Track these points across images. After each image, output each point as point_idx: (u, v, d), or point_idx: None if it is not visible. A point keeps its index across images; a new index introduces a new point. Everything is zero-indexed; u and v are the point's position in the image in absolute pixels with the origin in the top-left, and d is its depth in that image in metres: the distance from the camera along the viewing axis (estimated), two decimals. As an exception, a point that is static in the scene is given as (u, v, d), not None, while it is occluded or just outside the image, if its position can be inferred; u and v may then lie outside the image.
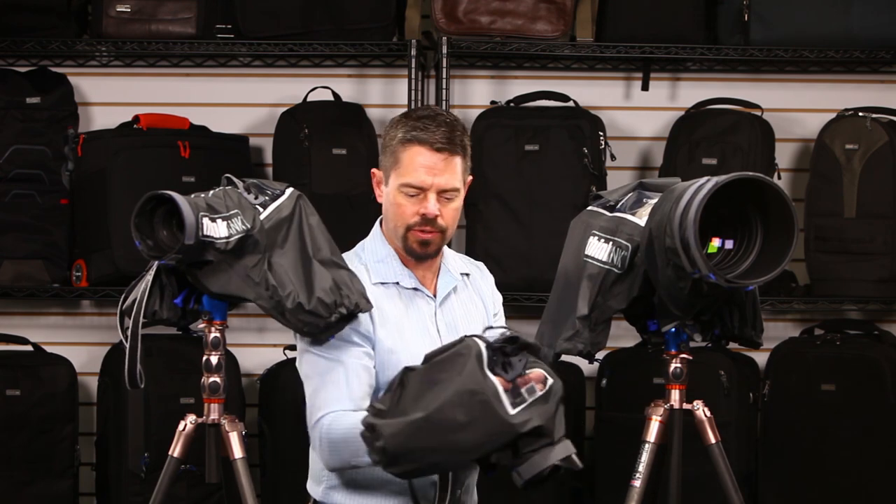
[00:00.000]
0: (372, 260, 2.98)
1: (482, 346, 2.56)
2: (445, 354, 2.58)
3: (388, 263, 2.97)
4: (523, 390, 2.51)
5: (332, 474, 2.94)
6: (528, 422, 2.47)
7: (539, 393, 2.51)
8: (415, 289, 2.96)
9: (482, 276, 3.12)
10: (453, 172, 2.89)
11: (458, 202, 2.93)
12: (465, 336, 2.62)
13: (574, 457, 2.51)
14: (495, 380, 2.51)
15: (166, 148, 4.32)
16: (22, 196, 4.32)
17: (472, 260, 3.17)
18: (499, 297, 3.13)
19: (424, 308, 2.96)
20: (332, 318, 2.78)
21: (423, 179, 2.88)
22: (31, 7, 4.37)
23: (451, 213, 2.92)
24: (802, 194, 4.40)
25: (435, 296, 2.98)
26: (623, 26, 4.41)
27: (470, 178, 3.00)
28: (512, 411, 2.47)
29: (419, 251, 2.93)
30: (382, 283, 2.95)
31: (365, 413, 2.62)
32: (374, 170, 3.01)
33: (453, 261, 3.07)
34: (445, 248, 3.08)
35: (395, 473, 2.58)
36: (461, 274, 3.06)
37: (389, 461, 2.53)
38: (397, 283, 2.95)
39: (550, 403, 2.51)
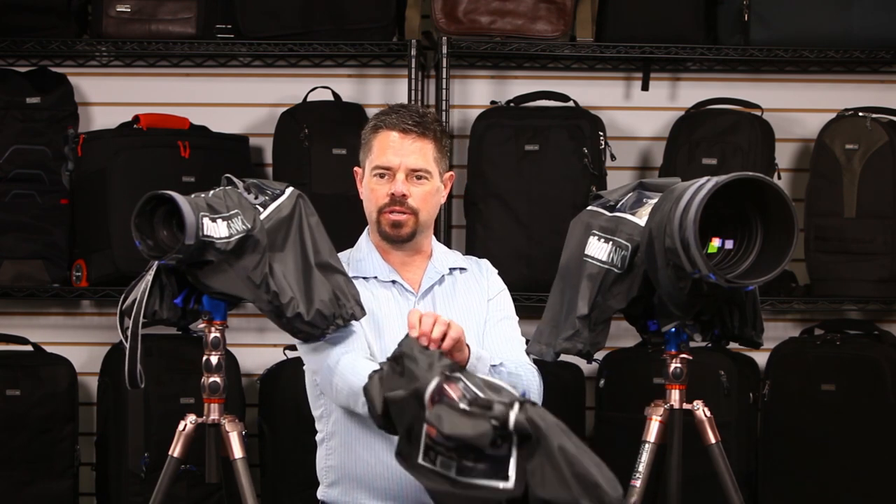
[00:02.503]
0: (355, 258, 3.03)
1: (433, 384, 2.33)
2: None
3: (369, 260, 3.04)
4: (439, 458, 2.29)
5: (331, 471, 2.97)
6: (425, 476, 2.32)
7: (453, 475, 2.26)
8: (393, 281, 3.00)
9: (481, 270, 3.14)
10: (422, 154, 2.97)
11: (431, 186, 2.98)
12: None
13: None
14: (425, 426, 2.33)
15: (166, 148, 4.32)
16: (22, 196, 4.32)
17: (473, 258, 3.18)
18: (496, 286, 3.14)
19: (403, 302, 3.00)
20: (328, 329, 2.81)
21: (391, 160, 2.96)
22: (31, 7, 4.37)
23: (421, 195, 2.97)
24: (802, 194, 4.40)
25: (417, 290, 3.01)
26: (623, 26, 4.41)
27: (450, 173, 3.04)
28: (422, 459, 2.30)
29: (391, 233, 2.98)
30: (363, 278, 2.99)
31: (374, 365, 2.61)
32: (356, 168, 3.07)
33: (443, 256, 3.09)
34: (437, 244, 3.10)
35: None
36: (452, 269, 3.08)
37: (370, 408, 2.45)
38: (375, 277, 3.00)
39: (460, 494, 2.25)
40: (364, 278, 3.01)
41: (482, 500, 2.23)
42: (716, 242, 2.72)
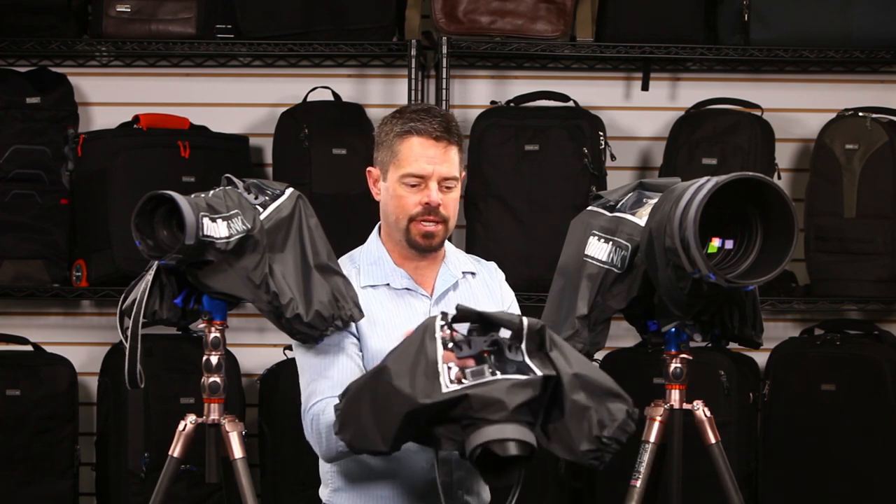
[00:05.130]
0: (365, 262, 2.99)
1: (438, 319, 2.49)
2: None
3: (380, 265, 2.98)
4: (468, 370, 2.41)
5: (336, 476, 2.96)
6: (456, 393, 2.36)
7: (488, 377, 2.39)
8: (406, 289, 2.97)
9: (491, 275, 3.12)
10: (452, 161, 2.93)
11: (457, 193, 2.96)
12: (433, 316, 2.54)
13: (512, 444, 2.32)
14: (440, 352, 2.43)
15: (166, 148, 4.32)
16: (22, 196, 4.32)
17: (480, 259, 3.16)
18: (509, 295, 3.12)
19: (418, 307, 2.97)
20: (327, 331, 2.81)
21: (424, 168, 2.91)
22: (31, 7, 4.37)
23: (451, 203, 2.94)
24: (802, 194, 4.40)
25: (431, 294, 2.99)
26: (623, 26, 4.41)
27: (463, 173, 3.03)
28: (446, 386, 2.38)
29: (423, 244, 2.94)
30: (372, 286, 2.96)
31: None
32: (369, 168, 3.03)
33: (456, 259, 3.07)
34: (449, 246, 3.08)
35: (348, 444, 2.51)
36: (465, 273, 3.06)
37: (340, 426, 2.50)
38: (387, 284, 2.96)
39: (500, 384, 2.37)
40: (373, 286, 2.98)
41: (524, 388, 2.36)
42: (716, 242, 2.72)
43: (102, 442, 4.32)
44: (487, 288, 3.08)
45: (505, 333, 2.50)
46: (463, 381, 2.38)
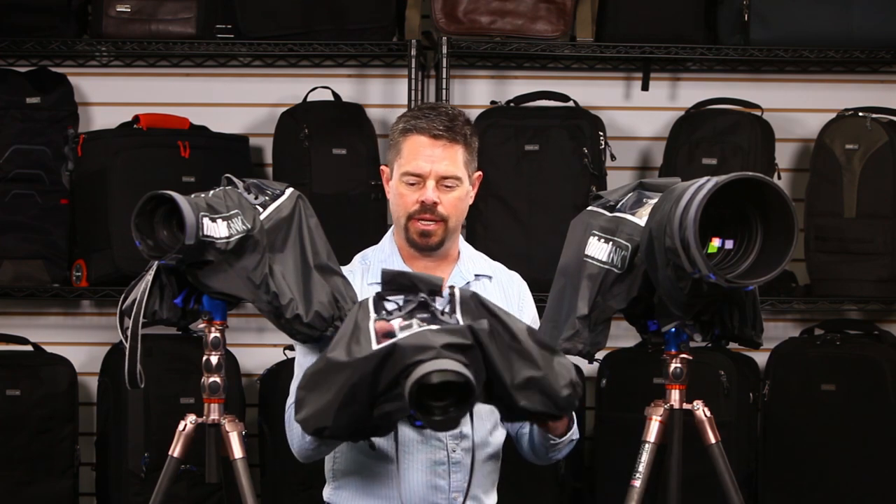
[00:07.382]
0: (375, 260, 3.01)
1: (371, 297, 2.53)
2: None
3: (389, 263, 2.99)
4: (398, 327, 2.42)
5: (339, 474, 2.96)
6: (386, 348, 2.37)
7: (416, 329, 2.39)
8: None
9: (511, 282, 3.11)
10: (453, 160, 2.93)
11: (461, 192, 2.96)
12: None
13: (448, 372, 2.30)
14: (372, 320, 2.45)
15: (166, 148, 4.32)
16: (22, 196, 4.32)
17: (501, 267, 3.15)
18: (530, 310, 3.11)
19: None
20: (327, 331, 2.81)
21: (421, 166, 2.92)
22: (31, 7, 4.38)
23: (452, 202, 2.94)
24: (802, 194, 4.41)
25: None
26: (623, 26, 4.41)
27: (479, 173, 3.02)
28: (376, 344, 2.39)
29: (420, 242, 2.95)
30: (378, 283, 2.96)
31: None
32: (382, 167, 3.05)
33: (471, 261, 3.07)
34: (466, 248, 3.08)
35: (303, 426, 2.51)
36: (479, 275, 3.05)
37: (296, 409, 2.50)
38: None
39: (425, 331, 2.37)
40: (379, 283, 2.98)
41: (450, 333, 2.36)
42: (716, 242, 2.72)
43: (102, 442, 4.32)
44: (504, 293, 3.07)
45: (439, 303, 2.52)
46: (396, 337, 2.40)
